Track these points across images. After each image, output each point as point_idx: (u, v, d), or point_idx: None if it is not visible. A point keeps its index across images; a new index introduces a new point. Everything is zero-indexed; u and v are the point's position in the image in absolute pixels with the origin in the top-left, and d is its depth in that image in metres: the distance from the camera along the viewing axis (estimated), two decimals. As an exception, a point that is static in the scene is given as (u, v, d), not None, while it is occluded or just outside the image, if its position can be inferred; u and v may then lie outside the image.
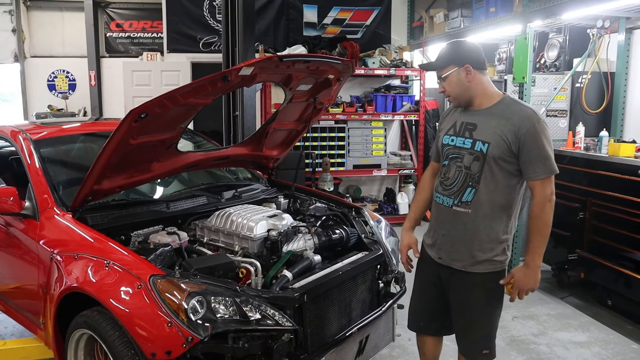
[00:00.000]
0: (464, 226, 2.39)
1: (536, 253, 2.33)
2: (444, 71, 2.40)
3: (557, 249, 4.84)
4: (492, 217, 2.36)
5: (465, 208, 2.38)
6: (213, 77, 2.42)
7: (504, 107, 2.35)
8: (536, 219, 2.31)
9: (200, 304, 2.14)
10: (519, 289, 2.36)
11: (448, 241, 2.46)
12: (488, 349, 2.48)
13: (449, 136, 2.47)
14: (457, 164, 2.41)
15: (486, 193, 2.34)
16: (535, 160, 2.26)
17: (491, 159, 2.30)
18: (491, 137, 2.30)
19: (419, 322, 2.71)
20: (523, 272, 2.35)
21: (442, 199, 2.47)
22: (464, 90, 2.38)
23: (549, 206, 2.30)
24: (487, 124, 2.34)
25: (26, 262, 2.90)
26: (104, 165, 2.58)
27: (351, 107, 6.92)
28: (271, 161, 3.67)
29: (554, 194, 2.32)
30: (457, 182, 2.40)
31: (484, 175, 2.33)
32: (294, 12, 7.56)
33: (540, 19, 4.69)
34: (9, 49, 8.19)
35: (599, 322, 4.11)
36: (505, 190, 2.34)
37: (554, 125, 5.28)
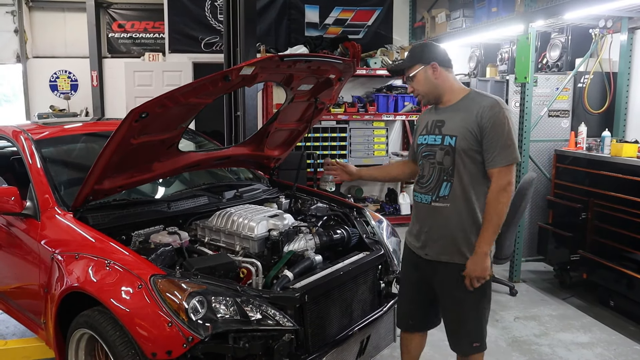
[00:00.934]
0: (445, 220, 2.43)
1: (484, 241, 2.35)
2: (411, 70, 2.47)
3: (559, 249, 4.83)
4: (470, 208, 2.40)
5: (444, 202, 2.43)
6: (214, 77, 2.42)
7: (468, 101, 2.42)
8: (489, 207, 2.34)
9: (200, 304, 2.14)
10: (469, 277, 2.38)
11: (432, 237, 2.49)
12: (478, 341, 2.51)
13: (422, 136, 2.55)
14: (430, 161, 2.48)
15: (461, 186, 2.39)
16: (495, 148, 2.31)
17: (460, 151, 2.36)
18: (458, 131, 2.38)
19: (409, 320, 2.73)
20: (472, 260, 2.38)
21: (421, 197, 2.52)
22: (432, 87, 2.46)
23: (504, 196, 2.31)
24: (454, 119, 2.41)
25: (27, 262, 2.90)
26: (105, 165, 2.58)
27: (353, 108, 6.92)
28: (272, 161, 3.67)
29: (511, 184, 2.33)
30: (432, 179, 2.46)
31: (456, 168, 2.39)
32: (296, 12, 7.56)
33: (542, 19, 4.68)
34: (11, 49, 8.21)
35: (601, 323, 4.09)
36: (478, 180, 2.39)
37: (556, 126, 5.26)
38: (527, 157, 4.85)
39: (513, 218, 4.32)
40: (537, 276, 5.19)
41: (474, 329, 2.50)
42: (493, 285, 4.78)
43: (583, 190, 4.66)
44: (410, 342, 2.79)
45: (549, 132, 5.25)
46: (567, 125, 5.30)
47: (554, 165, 5.12)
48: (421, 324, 2.74)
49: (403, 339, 2.82)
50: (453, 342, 2.57)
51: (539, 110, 5.09)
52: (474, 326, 2.49)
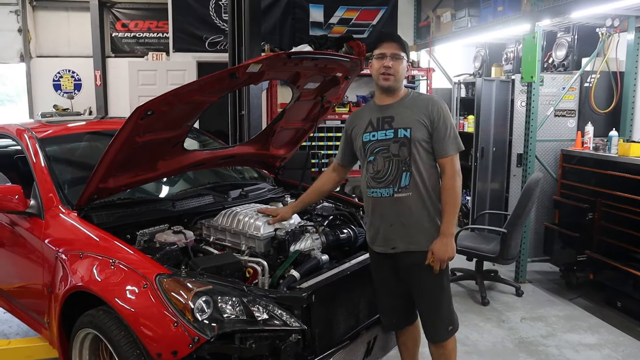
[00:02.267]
0: (409, 209, 2.53)
1: (450, 222, 2.50)
2: (402, 53, 2.58)
3: (566, 249, 4.80)
4: (429, 195, 2.54)
5: (406, 192, 2.52)
6: (220, 74, 2.40)
7: (412, 99, 2.60)
8: (450, 190, 2.51)
9: (206, 304, 2.12)
10: (439, 260, 2.48)
11: (399, 229, 2.55)
12: (452, 324, 2.64)
13: (369, 133, 2.61)
14: (384, 155, 2.55)
15: (418, 174, 2.52)
16: (447, 138, 2.51)
17: (416, 141, 2.51)
18: (411, 123, 2.52)
19: (392, 319, 2.76)
20: (440, 242, 2.49)
21: (380, 192, 2.57)
22: (402, 78, 2.61)
23: (458, 179, 2.52)
24: (404, 114, 2.55)
25: (31, 261, 2.88)
26: (110, 163, 2.56)
27: (357, 107, 6.88)
28: (278, 160, 3.64)
29: (460, 170, 2.54)
30: (390, 171, 2.54)
31: (412, 158, 2.51)
32: (300, 11, 7.54)
33: (549, 18, 4.64)
34: (15, 49, 8.20)
35: (608, 324, 4.06)
36: (433, 167, 2.56)
37: (563, 125, 5.23)
38: (533, 157, 4.82)
39: (519, 218, 4.31)
40: (544, 277, 5.16)
41: (447, 313, 2.63)
42: (499, 286, 4.79)
43: (590, 190, 4.63)
44: (406, 338, 2.84)
45: (555, 132, 5.22)
46: (573, 125, 5.27)
47: (560, 165, 5.09)
48: (404, 319, 2.78)
49: (397, 338, 2.87)
50: (431, 332, 2.65)
51: (545, 109, 5.06)
52: (446, 310, 2.62)
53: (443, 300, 2.60)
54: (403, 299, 2.69)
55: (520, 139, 5.15)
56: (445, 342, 2.64)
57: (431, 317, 2.62)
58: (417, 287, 2.60)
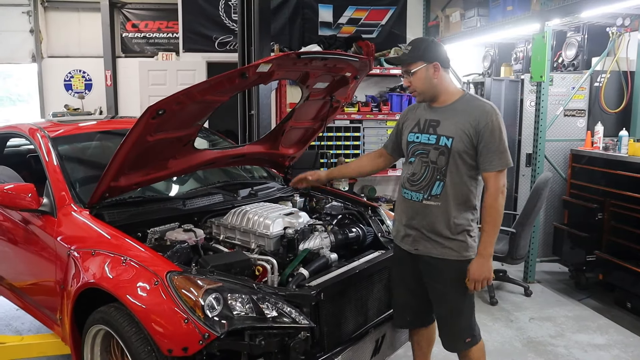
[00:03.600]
0: (436, 218, 2.46)
1: (488, 242, 2.41)
2: (413, 66, 2.46)
3: (575, 250, 4.78)
4: (460, 207, 2.45)
5: (435, 201, 2.46)
6: (231, 74, 2.42)
7: (464, 103, 2.46)
8: (490, 209, 2.40)
9: (217, 301, 2.14)
10: (474, 280, 2.41)
11: (423, 233, 2.51)
12: (470, 336, 2.55)
13: (414, 134, 2.55)
14: (423, 160, 2.49)
15: (452, 185, 2.43)
16: (492, 153, 2.37)
17: (455, 152, 2.40)
18: (454, 132, 2.41)
19: (405, 316, 2.73)
20: (476, 262, 2.42)
21: (411, 195, 2.53)
22: (430, 86, 2.47)
23: (501, 197, 2.40)
24: (450, 120, 2.44)
25: (44, 258, 2.91)
26: (121, 162, 2.59)
27: (366, 107, 6.90)
28: (287, 159, 3.66)
29: (505, 186, 2.42)
30: (425, 177, 2.48)
31: (449, 168, 2.42)
32: (310, 11, 7.55)
33: (559, 18, 4.63)
34: (26, 49, 8.29)
35: (618, 325, 4.04)
36: (469, 182, 2.45)
37: (572, 125, 5.21)
38: (542, 157, 4.80)
39: (528, 218, 4.30)
40: (552, 277, 5.14)
41: (465, 326, 2.54)
42: (508, 286, 4.78)
43: (599, 190, 4.61)
44: (420, 338, 2.81)
45: (564, 132, 5.20)
46: (583, 124, 5.25)
47: (570, 165, 5.07)
48: (419, 320, 2.74)
49: (411, 336, 2.85)
50: (446, 342, 2.60)
51: (554, 109, 5.04)
52: (464, 323, 2.54)
53: (463, 310, 2.52)
54: (419, 299, 2.65)
55: (530, 139, 5.14)
56: (467, 352, 2.58)
57: (447, 326, 2.56)
58: (436, 293, 2.55)
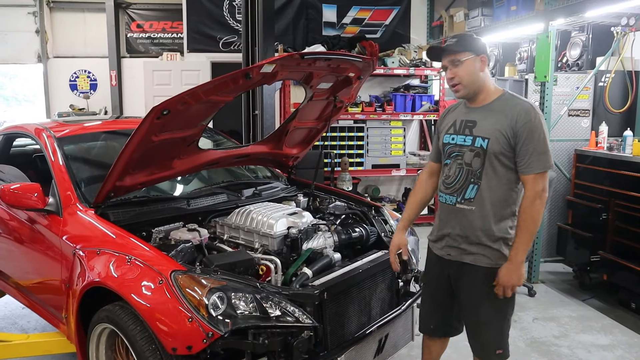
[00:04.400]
0: (470, 223, 2.37)
1: (520, 249, 2.29)
2: (461, 55, 2.32)
3: (579, 250, 4.77)
4: (496, 212, 2.34)
5: (469, 205, 2.37)
6: (235, 74, 2.43)
7: (502, 102, 2.35)
8: (524, 214, 2.28)
9: (220, 300, 2.15)
10: (503, 286, 2.31)
11: (455, 238, 2.43)
12: (501, 348, 2.44)
13: (450, 135, 2.47)
14: (458, 162, 2.40)
15: (488, 189, 2.33)
16: (531, 154, 2.25)
17: (492, 154, 2.30)
18: (490, 133, 2.31)
19: (430, 324, 2.67)
20: (506, 268, 2.30)
21: (445, 198, 2.46)
22: (475, 80, 2.35)
23: (539, 202, 2.26)
24: (486, 120, 2.34)
25: (49, 257, 2.94)
26: (126, 162, 2.61)
27: (370, 107, 6.90)
28: (291, 159, 3.67)
29: (546, 190, 2.28)
30: (459, 180, 2.40)
31: (485, 171, 2.32)
32: (313, 11, 7.56)
33: (563, 17, 4.62)
34: (32, 49, 8.33)
35: (622, 325, 4.03)
36: (507, 185, 2.33)
37: (576, 125, 5.20)
38: (546, 157, 4.79)
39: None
40: (556, 277, 5.13)
41: (496, 335, 2.43)
42: (512, 286, 4.77)
43: (604, 190, 4.60)
44: (431, 347, 2.75)
45: (568, 132, 5.19)
46: (587, 124, 5.23)
47: (574, 165, 5.06)
48: (442, 329, 2.67)
49: (425, 343, 2.78)
50: (475, 347, 2.52)
51: (558, 109, 5.03)
52: (496, 332, 2.43)
53: (493, 321, 2.41)
54: (444, 309, 2.59)
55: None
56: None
57: (474, 333, 2.48)
58: (467, 300, 2.46)
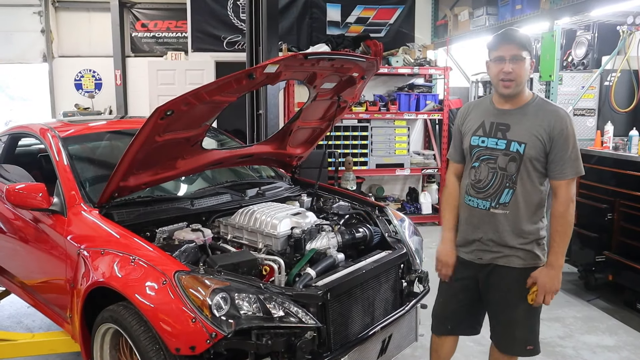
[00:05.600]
0: (503, 227, 2.39)
1: (559, 253, 2.33)
2: (525, 53, 2.31)
3: (584, 250, 4.75)
4: (529, 215, 2.38)
5: (504, 209, 2.38)
6: (238, 75, 2.43)
7: (536, 107, 2.36)
8: (561, 219, 2.31)
9: (224, 301, 2.15)
10: (544, 292, 2.33)
11: (488, 243, 2.44)
12: (532, 344, 2.48)
13: (479, 137, 2.44)
14: (489, 166, 2.40)
15: (523, 193, 2.35)
16: (566, 161, 2.29)
17: (527, 159, 2.32)
18: (527, 138, 2.31)
19: (447, 324, 2.68)
20: (547, 274, 2.33)
21: (477, 202, 2.44)
22: (525, 81, 2.36)
23: (572, 206, 2.32)
24: (522, 125, 2.34)
25: (54, 257, 2.95)
26: (130, 162, 2.61)
27: (374, 106, 6.89)
28: (295, 159, 3.67)
29: (575, 196, 2.34)
30: (492, 184, 2.39)
31: (520, 175, 2.34)
32: (317, 11, 7.56)
33: (568, 16, 4.61)
34: (38, 49, 8.37)
35: (627, 326, 4.01)
36: (540, 189, 2.38)
37: (582, 124, 5.18)
38: (551, 157, 4.77)
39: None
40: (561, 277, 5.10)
41: (529, 332, 2.47)
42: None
43: (609, 190, 4.57)
44: (442, 347, 2.75)
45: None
46: (592, 124, 5.21)
47: (579, 165, 5.03)
48: (458, 329, 2.69)
49: (435, 344, 2.78)
50: (505, 344, 2.53)
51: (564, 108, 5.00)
52: (528, 329, 2.47)
53: (526, 319, 2.44)
54: (469, 310, 2.60)
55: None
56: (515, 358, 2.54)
57: (509, 331, 2.49)
58: (501, 300, 2.46)
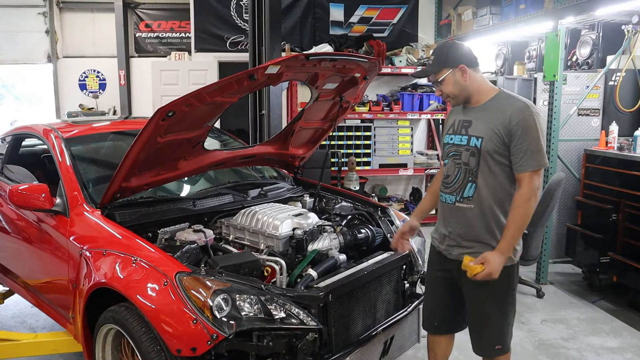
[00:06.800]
0: (469, 221, 2.41)
1: (512, 242, 2.32)
2: (439, 75, 2.41)
3: (589, 251, 4.73)
4: (495, 211, 2.38)
5: (468, 203, 2.41)
6: (240, 76, 2.43)
7: (497, 101, 2.39)
8: (520, 209, 2.29)
9: (225, 302, 2.15)
10: (489, 272, 2.26)
11: (456, 237, 2.47)
12: (501, 344, 2.48)
13: (449, 135, 2.52)
14: (455, 161, 2.45)
15: (486, 187, 2.37)
16: (525, 153, 2.28)
17: (486, 153, 2.34)
18: (484, 132, 2.35)
19: (433, 321, 2.70)
20: (495, 257, 2.27)
21: (446, 197, 2.50)
22: (461, 89, 2.41)
23: (533, 200, 2.30)
24: (481, 120, 2.38)
25: (56, 257, 2.96)
26: (132, 163, 2.62)
27: (377, 106, 6.88)
28: (297, 160, 3.67)
29: (539, 189, 2.33)
30: (457, 179, 2.44)
31: (481, 170, 2.36)
32: (321, 10, 7.55)
33: (573, 16, 4.57)
34: (42, 49, 8.39)
35: (632, 328, 3.99)
36: (504, 182, 2.36)
37: (586, 125, 5.15)
38: (555, 157, 4.76)
39: (541, 219, 4.26)
40: (565, 278, 5.09)
41: (497, 331, 2.47)
42: (520, 287, 4.74)
43: (614, 190, 4.55)
44: (437, 345, 2.75)
45: (578, 131, 5.14)
46: (597, 124, 5.18)
47: (584, 165, 5.01)
48: (446, 326, 2.70)
49: (430, 342, 2.78)
50: (476, 344, 2.56)
51: (568, 109, 4.99)
52: (496, 328, 2.47)
53: (493, 316, 2.45)
54: (447, 305, 2.61)
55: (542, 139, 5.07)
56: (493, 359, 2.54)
57: (475, 329, 2.53)
58: (469, 297, 2.49)
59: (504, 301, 2.45)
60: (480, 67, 2.46)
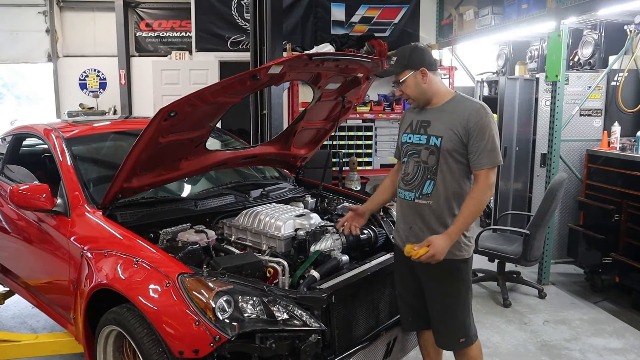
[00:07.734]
0: (427, 217, 2.50)
1: (461, 228, 2.41)
2: (401, 76, 2.51)
3: (591, 251, 4.72)
4: (452, 206, 2.48)
5: (426, 200, 2.50)
6: (242, 76, 2.41)
7: (455, 103, 2.50)
8: (475, 200, 2.40)
9: (227, 303, 2.14)
10: (433, 253, 2.33)
11: (415, 233, 2.54)
12: (464, 337, 2.56)
13: (407, 134, 2.61)
14: (415, 160, 2.54)
15: (443, 184, 2.47)
16: (481, 151, 2.39)
17: (445, 151, 2.44)
18: (443, 132, 2.45)
19: (407, 317, 2.72)
20: (444, 241, 2.36)
21: (405, 194, 2.58)
22: (422, 92, 2.51)
23: (489, 193, 2.42)
24: (440, 120, 2.49)
25: (58, 258, 2.94)
26: (134, 163, 2.60)
27: (379, 106, 6.87)
28: (299, 160, 3.65)
29: (494, 184, 2.46)
30: (417, 177, 2.53)
31: (440, 167, 2.46)
32: (322, 10, 7.54)
33: (575, 16, 4.56)
34: (42, 49, 8.38)
35: (634, 329, 3.98)
36: (462, 180, 2.48)
37: (588, 125, 5.14)
38: (557, 157, 4.74)
39: (543, 219, 4.25)
40: (567, 279, 5.08)
41: (460, 325, 2.55)
42: (522, 288, 4.74)
43: (616, 191, 4.54)
44: (427, 342, 2.78)
45: (580, 132, 5.13)
46: (599, 124, 5.17)
47: (586, 166, 5.00)
48: (422, 321, 2.71)
49: (420, 340, 2.83)
50: (440, 339, 2.62)
51: (570, 109, 4.98)
52: (459, 321, 2.55)
53: (457, 309, 2.53)
54: (419, 300, 2.64)
55: (545, 139, 5.08)
56: (462, 352, 2.60)
57: (441, 324, 2.58)
58: (430, 292, 2.57)
59: (464, 293, 2.54)
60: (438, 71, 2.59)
